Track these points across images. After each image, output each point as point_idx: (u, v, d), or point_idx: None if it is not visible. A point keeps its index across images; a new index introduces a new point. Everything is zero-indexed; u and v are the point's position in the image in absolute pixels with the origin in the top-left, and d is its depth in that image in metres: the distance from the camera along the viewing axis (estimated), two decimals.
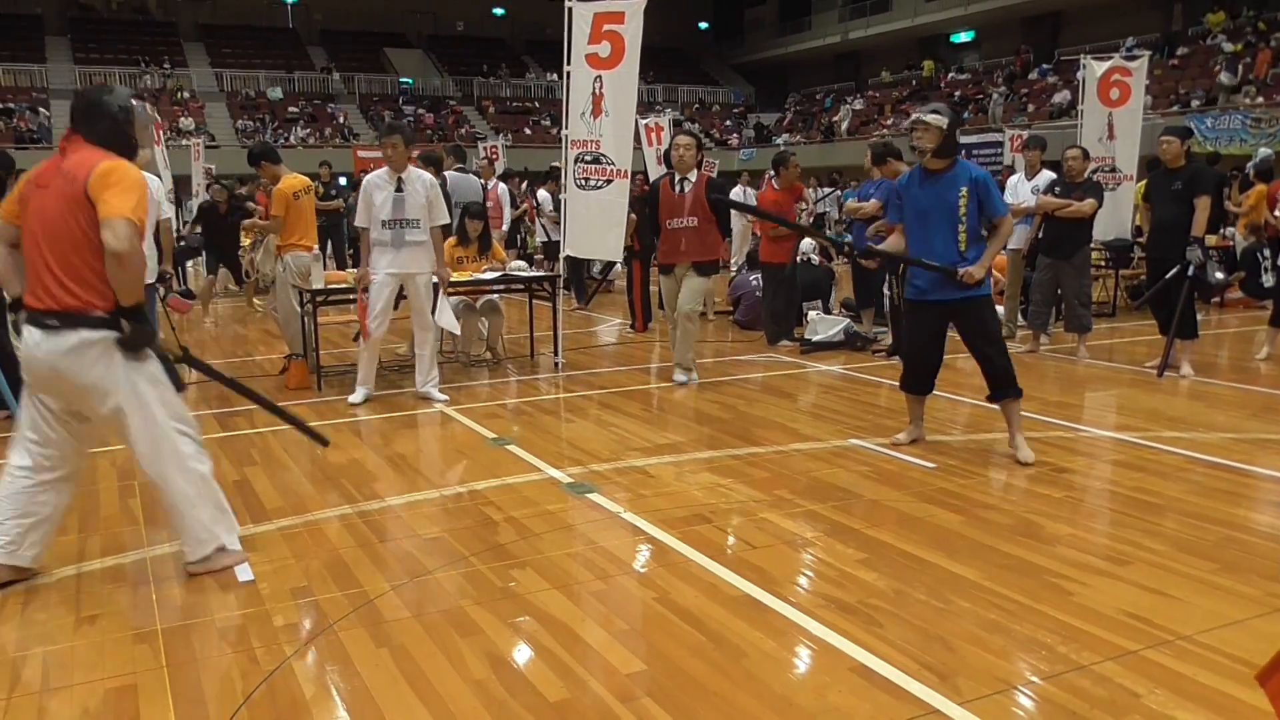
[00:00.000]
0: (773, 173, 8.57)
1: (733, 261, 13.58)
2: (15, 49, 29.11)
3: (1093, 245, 8.24)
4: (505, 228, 11.09)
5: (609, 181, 7.30)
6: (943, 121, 4.59)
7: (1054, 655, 2.83)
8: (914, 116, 4.75)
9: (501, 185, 11.26)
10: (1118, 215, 9.59)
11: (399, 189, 6.09)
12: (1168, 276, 6.84)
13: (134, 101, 3.40)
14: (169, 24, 33.13)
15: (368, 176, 6.27)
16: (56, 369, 3.18)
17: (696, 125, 32.43)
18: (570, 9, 7.24)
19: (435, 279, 6.36)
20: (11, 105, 26.91)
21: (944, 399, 6.31)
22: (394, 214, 6.08)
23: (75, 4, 32.02)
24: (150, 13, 33.38)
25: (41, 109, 26.89)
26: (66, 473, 3.43)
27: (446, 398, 6.35)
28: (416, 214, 6.11)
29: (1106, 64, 9.65)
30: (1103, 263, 10.21)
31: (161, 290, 6.57)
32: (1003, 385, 4.86)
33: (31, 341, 3.19)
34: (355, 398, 6.32)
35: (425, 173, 6.33)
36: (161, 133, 13.55)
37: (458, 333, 6.60)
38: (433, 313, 6.41)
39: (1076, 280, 7.71)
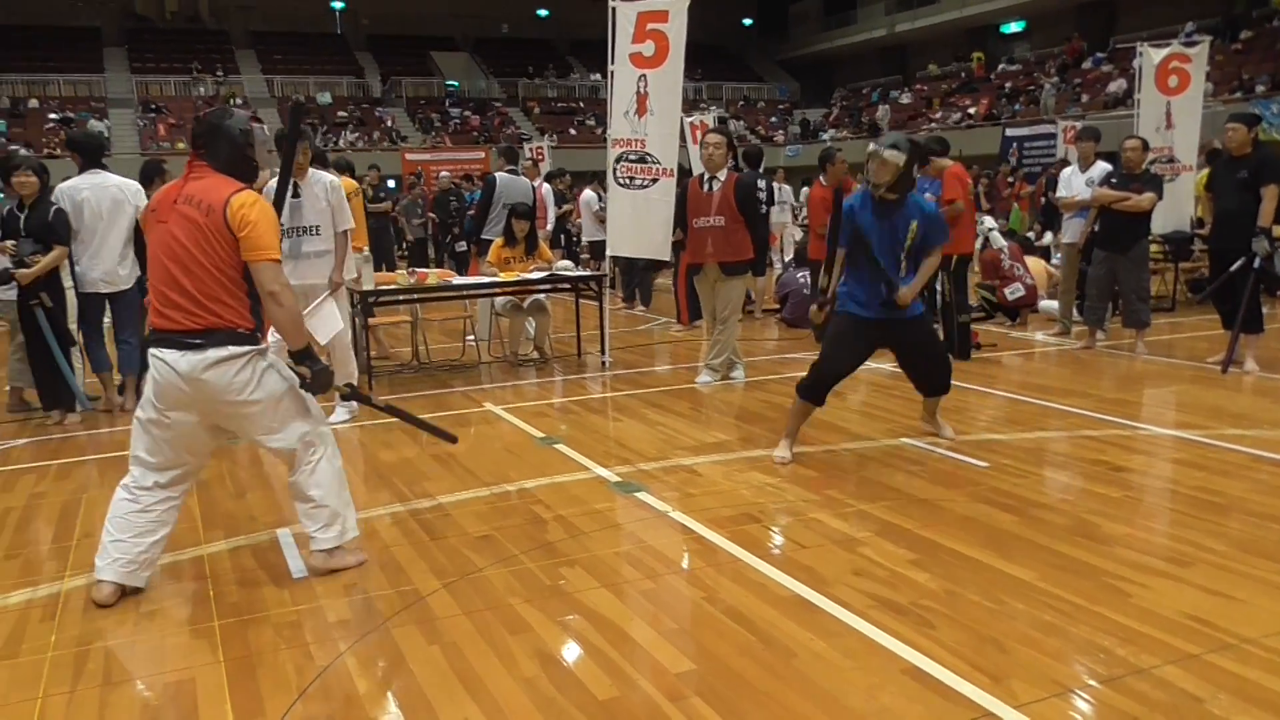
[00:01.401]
0: (820, 170, 8.49)
1: (777, 258, 13.49)
2: (76, 60, 29.97)
3: (1151, 238, 8.03)
4: (550, 227, 11.17)
5: (654, 180, 7.30)
6: (900, 159, 4.53)
7: (1112, 658, 2.76)
8: (872, 148, 4.67)
9: (546, 185, 11.34)
10: (1176, 207, 9.35)
11: (295, 194, 5.67)
12: (1233, 269, 6.64)
13: (253, 124, 3.43)
14: (221, 32, 33.83)
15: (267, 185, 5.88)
16: (200, 384, 3.22)
17: (741, 122, 32.30)
18: (614, 9, 7.25)
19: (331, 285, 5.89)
20: (71, 114, 27.68)
21: (997, 396, 6.21)
22: (291, 221, 5.67)
23: (132, 15, 32.83)
24: (203, 22, 34.11)
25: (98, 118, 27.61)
26: (188, 485, 3.52)
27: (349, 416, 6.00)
28: (315, 220, 5.74)
29: (1164, 51, 9.42)
30: (1161, 256, 9.96)
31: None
32: (941, 389, 5.06)
33: (169, 360, 3.22)
34: (337, 416, 5.84)
35: (327, 174, 5.95)
36: None
37: (325, 341, 6.10)
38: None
39: (1135, 274, 7.53)
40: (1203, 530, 3.75)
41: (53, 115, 27.49)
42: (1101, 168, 7.99)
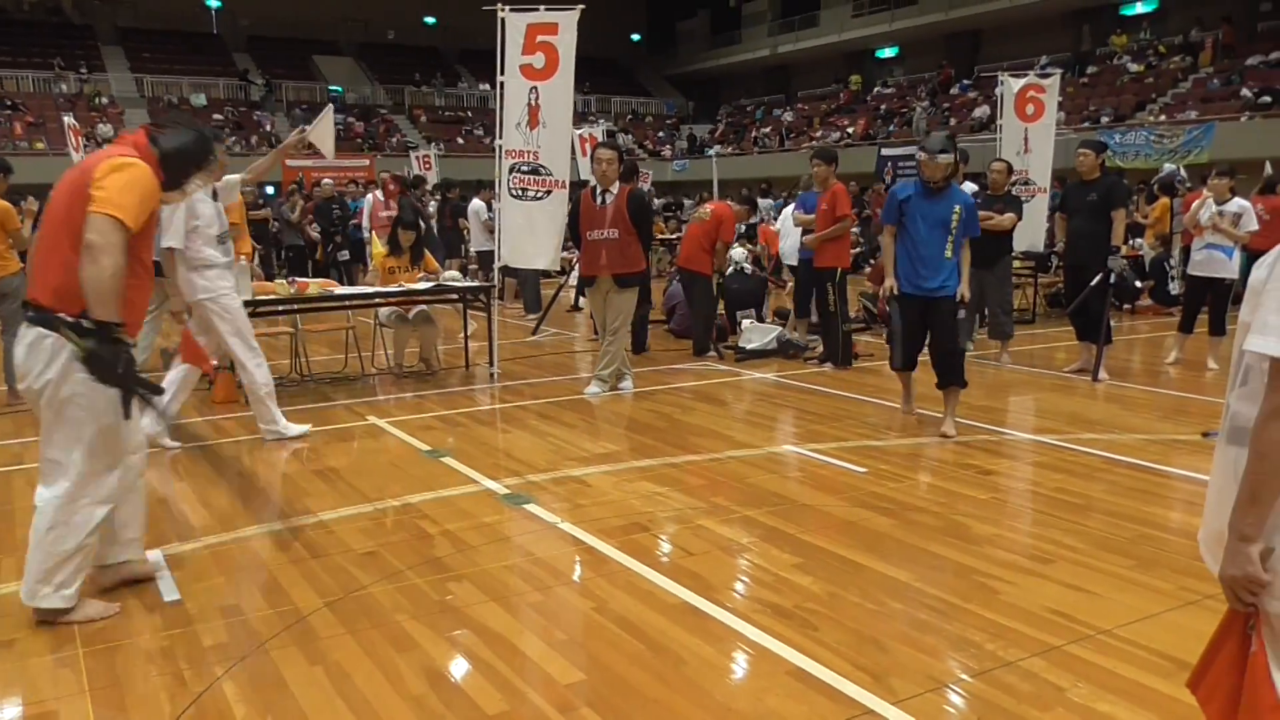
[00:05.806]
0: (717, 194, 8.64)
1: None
2: None
3: (1014, 254, 8.48)
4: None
5: (549, 192, 7.29)
6: (952, 159, 5.61)
7: (982, 653, 2.91)
8: (925, 156, 5.59)
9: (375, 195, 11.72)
10: (1032, 227, 9.88)
11: (215, 197, 5.37)
12: (1092, 284, 7.07)
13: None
14: (86, 26, 32.04)
15: None
16: None
17: (630, 136, 32.53)
18: (503, 19, 7.22)
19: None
20: None
21: (875, 404, 6.44)
22: (221, 227, 5.39)
23: None
24: (66, 15, 32.28)
25: None
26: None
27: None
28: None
29: (1022, 81, 9.97)
30: (1025, 271, 10.53)
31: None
32: (949, 378, 5.65)
33: None
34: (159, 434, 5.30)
35: None
36: (80, 139, 13.10)
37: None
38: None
39: (999, 289, 7.95)
40: (1063, 529, 3.99)
41: None
42: (968, 188, 8.40)
